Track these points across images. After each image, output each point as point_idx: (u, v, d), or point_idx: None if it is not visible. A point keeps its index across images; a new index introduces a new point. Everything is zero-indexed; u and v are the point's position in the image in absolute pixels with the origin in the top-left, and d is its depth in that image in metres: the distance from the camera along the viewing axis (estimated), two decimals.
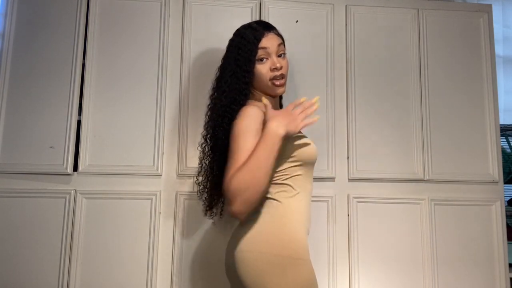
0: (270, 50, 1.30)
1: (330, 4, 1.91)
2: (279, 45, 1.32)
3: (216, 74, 1.43)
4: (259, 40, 1.30)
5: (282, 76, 1.31)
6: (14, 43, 1.76)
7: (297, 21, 1.88)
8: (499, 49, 2.55)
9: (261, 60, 1.30)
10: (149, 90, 1.77)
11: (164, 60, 1.79)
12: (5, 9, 1.78)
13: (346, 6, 1.92)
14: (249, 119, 1.20)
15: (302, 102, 1.24)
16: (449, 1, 2.19)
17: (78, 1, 1.80)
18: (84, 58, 1.77)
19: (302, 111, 1.21)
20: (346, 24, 1.91)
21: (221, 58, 1.81)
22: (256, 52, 1.29)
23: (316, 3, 1.91)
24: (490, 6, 2.00)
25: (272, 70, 1.30)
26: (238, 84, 1.30)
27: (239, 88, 1.30)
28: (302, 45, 1.86)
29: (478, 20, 1.98)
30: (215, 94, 1.38)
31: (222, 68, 1.37)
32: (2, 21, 1.79)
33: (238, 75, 1.30)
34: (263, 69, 1.30)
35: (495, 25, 2.02)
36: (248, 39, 1.30)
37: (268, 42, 1.30)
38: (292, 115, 1.19)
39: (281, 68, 1.30)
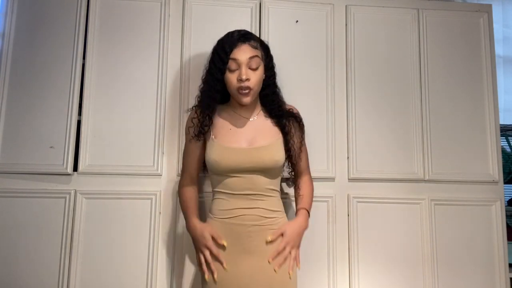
0: (240, 62, 1.39)
1: (330, 4, 1.91)
2: (251, 57, 1.39)
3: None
4: (231, 51, 1.39)
5: (248, 88, 1.39)
6: (14, 43, 1.76)
7: (297, 21, 1.88)
8: (499, 49, 2.55)
9: (232, 70, 1.40)
10: (149, 90, 1.77)
11: (164, 60, 1.79)
12: (5, 9, 1.78)
13: (346, 6, 1.92)
14: (187, 125, 1.55)
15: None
16: (449, 1, 2.19)
17: (78, 1, 1.80)
18: (84, 58, 1.77)
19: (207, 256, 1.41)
20: (346, 24, 1.91)
21: None
22: (227, 62, 1.39)
23: (316, 3, 1.91)
24: (490, 6, 2.00)
25: (238, 81, 1.38)
26: (210, 91, 1.44)
27: (211, 95, 1.45)
28: (302, 45, 1.86)
29: (478, 20, 1.98)
30: (198, 94, 1.52)
31: (205, 71, 1.49)
32: (2, 21, 1.79)
33: (210, 83, 1.44)
34: (232, 78, 1.40)
35: (495, 25, 2.02)
36: (222, 48, 1.41)
37: (239, 54, 1.39)
38: (200, 244, 1.43)
39: (246, 80, 1.37)
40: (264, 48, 1.47)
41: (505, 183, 1.94)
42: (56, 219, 1.67)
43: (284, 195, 1.71)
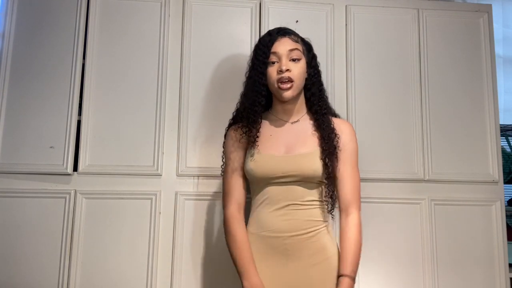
0: (280, 54, 1.35)
1: (330, 4, 1.91)
2: (291, 50, 1.35)
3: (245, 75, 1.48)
4: (272, 44, 1.35)
5: (289, 80, 1.33)
6: (14, 43, 1.76)
7: (297, 21, 1.88)
8: (499, 49, 2.55)
9: (273, 63, 1.35)
10: (149, 90, 1.77)
11: (164, 60, 1.79)
12: (5, 9, 1.78)
13: (346, 6, 1.92)
14: (225, 145, 1.47)
15: None
16: (449, 1, 2.19)
17: (78, 1, 1.80)
18: (84, 58, 1.77)
19: None
20: (346, 24, 1.91)
21: (221, 58, 1.83)
22: (268, 56, 1.35)
23: (316, 3, 1.91)
24: (490, 6, 2.00)
25: (278, 72, 1.33)
26: (256, 86, 1.36)
27: (257, 90, 1.36)
28: None
29: (478, 20, 1.97)
30: (241, 95, 1.45)
31: (246, 74, 1.44)
32: (2, 21, 1.79)
33: (254, 77, 1.37)
34: (272, 71, 1.35)
35: (495, 25, 2.02)
36: (263, 43, 1.37)
37: (279, 46, 1.35)
38: None
39: (287, 71, 1.32)
40: (306, 44, 1.43)
41: (505, 183, 1.94)
42: (56, 219, 1.67)
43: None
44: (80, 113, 1.74)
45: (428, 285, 1.76)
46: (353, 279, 1.29)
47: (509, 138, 2.46)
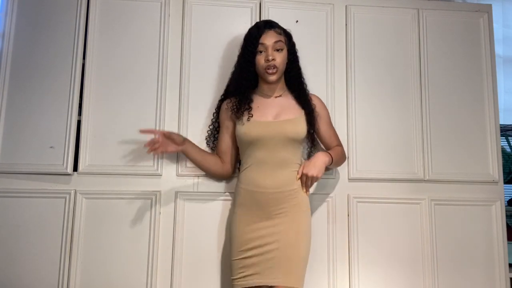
0: (266, 45, 1.59)
1: (330, 4, 1.91)
2: (276, 41, 1.60)
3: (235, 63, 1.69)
4: (259, 36, 1.60)
5: (274, 66, 1.59)
6: (14, 43, 1.76)
7: (297, 21, 1.88)
8: (499, 49, 2.55)
9: (260, 52, 1.60)
10: (149, 90, 1.77)
11: (164, 60, 1.79)
12: (5, 9, 1.79)
13: (346, 6, 1.92)
14: (219, 115, 1.72)
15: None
16: (449, 1, 2.19)
17: (78, 1, 1.80)
18: (84, 58, 1.77)
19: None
20: (346, 24, 1.91)
21: (221, 58, 1.83)
22: (257, 46, 1.59)
23: (316, 3, 1.91)
24: (490, 6, 2.00)
25: (265, 61, 1.58)
26: (244, 72, 1.63)
27: (245, 76, 1.63)
28: (302, 45, 1.85)
29: (478, 20, 1.98)
30: (231, 78, 1.71)
31: (237, 59, 1.69)
32: (2, 21, 1.79)
33: (243, 65, 1.63)
34: (260, 60, 1.60)
35: (495, 25, 2.02)
36: (252, 35, 1.61)
37: (266, 38, 1.59)
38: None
39: (273, 60, 1.58)
40: (287, 35, 1.66)
41: (505, 183, 1.94)
42: (56, 219, 1.67)
43: None
44: (80, 113, 1.74)
45: (428, 285, 1.76)
46: (329, 159, 1.59)
47: (509, 138, 2.47)
